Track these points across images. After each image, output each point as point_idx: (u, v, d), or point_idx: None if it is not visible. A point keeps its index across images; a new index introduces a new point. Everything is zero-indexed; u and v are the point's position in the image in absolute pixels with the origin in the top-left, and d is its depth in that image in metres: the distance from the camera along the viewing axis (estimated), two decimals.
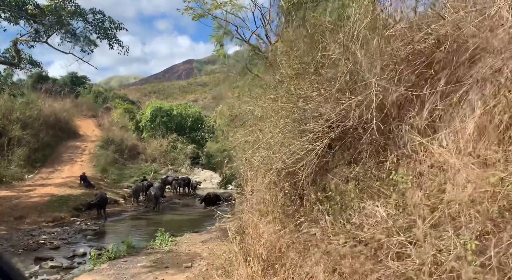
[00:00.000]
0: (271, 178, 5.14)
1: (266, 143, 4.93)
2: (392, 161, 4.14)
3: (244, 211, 6.67)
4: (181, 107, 34.06)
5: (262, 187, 5.65)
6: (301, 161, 4.72)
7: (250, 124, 5.70)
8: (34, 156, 22.46)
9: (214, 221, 16.82)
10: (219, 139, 15.05)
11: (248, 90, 6.30)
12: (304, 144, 4.39)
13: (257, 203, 5.99)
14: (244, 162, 6.07)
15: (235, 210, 8.09)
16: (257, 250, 5.18)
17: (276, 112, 4.67)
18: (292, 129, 4.42)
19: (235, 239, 6.48)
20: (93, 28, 14.63)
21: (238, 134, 6.00)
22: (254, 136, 5.25)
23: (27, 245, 11.10)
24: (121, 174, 24.55)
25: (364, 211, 3.69)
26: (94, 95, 47.29)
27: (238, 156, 6.90)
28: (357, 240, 3.25)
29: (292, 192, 4.99)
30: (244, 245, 6.26)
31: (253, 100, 5.50)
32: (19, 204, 15.09)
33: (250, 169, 6.05)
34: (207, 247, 9.85)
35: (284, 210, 5.06)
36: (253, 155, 5.46)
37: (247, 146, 5.59)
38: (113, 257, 8.95)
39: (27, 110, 24.30)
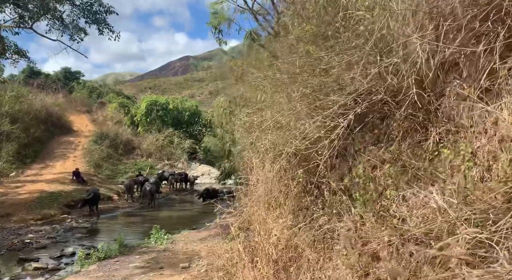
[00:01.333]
0: (282, 165, 4.36)
1: (276, 123, 4.14)
2: (435, 139, 3.38)
3: (249, 204, 5.89)
4: (177, 101, 33.19)
5: (270, 175, 4.87)
6: (319, 143, 3.94)
7: (257, 100, 4.91)
8: (24, 152, 21.57)
9: (213, 217, 16.04)
10: (218, 131, 14.25)
11: (253, 63, 5.52)
12: (323, 122, 3.60)
13: (264, 195, 5.21)
14: (249, 147, 5.28)
15: (237, 204, 7.29)
16: (266, 250, 4.40)
17: (288, 85, 3.87)
18: (309, 103, 3.63)
19: (239, 236, 5.70)
20: (81, 12, 13.71)
21: (241, 115, 5.19)
22: (262, 114, 4.46)
23: (11, 245, 10.28)
24: (116, 169, 23.73)
25: (408, 200, 2.92)
26: (89, 91, 46.29)
27: (241, 142, 6.10)
28: (407, 237, 2.47)
29: (308, 180, 4.21)
30: (249, 243, 5.49)
31: (260, 71, 4.70)
32: (6, 201, 14.25)
33: (255, 155, 5.27)
34: (206, 246, 9.08)
35: (298, 202, 4.28)
36: (260, 138, 4.67)
37: (252, 129, 4.79)
38: (103, 257, 8.17)
39: (17, 104, 23.36)
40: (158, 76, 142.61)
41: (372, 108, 4.06)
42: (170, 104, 31.95)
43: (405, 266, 2.45)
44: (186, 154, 29.11)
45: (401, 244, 2.51)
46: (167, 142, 29.12)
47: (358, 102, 3.73)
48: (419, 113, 3.49)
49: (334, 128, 3.78)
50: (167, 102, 31.95)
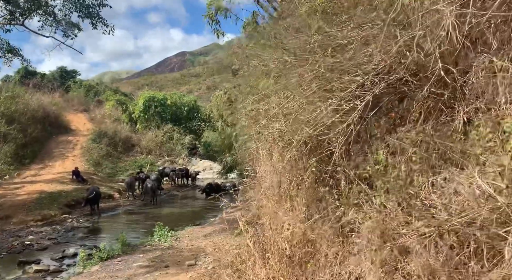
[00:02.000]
0: (293, 154, 4.06)
1: (284, 109, 3.83)
2: (462, 119, 3.08)
3: (257, 197, 5.61)
4: (176, 96, 32.82)
5: (279, 166, 4.57)
6: (332, 129, 3.64)
7: (263, 86, 4.59)
8: (23, 152, 21.24)
9: (217, 212, 15.83)
10: (218, 124, 13.93)
11: (258, 45, 5.19)
12: (339, 104, 3.29)
13: (273, 187, 4.92)
14: (255, 138, 4.97)
15: (243, 197, 6.99)
16: (279, 245, 4.12)
17: (297, 66, 3.55)
18: (322, 85, 3.32)
19: (247, 231, 5.43)
20: (73, 6, 13.28)
21: (246, 103, 4.87)
22: (269, 101, 4.14)
23: (11, 247, 10.01)
24: (116, 167, 23.44)
25: (439, 187, 2.63)
26: (85, 89, 45.84)
27: (245, 132, 5.79)
28: (447, 228, 2.17)
29: (321, 169, 3.91)
30: (258, 238, 5.21)
31: (266, 54, 4.37)
32: (4, 203, 13.98)
33: (262, 145, 4.96)
34: (211, 242, 8.82)
35: (311, 193, 3.99)
36: (267, 127, 4.36)
37: (259, 117, 4.48)
38: (106, 257, 7.90)
39: (13, 105, 22.98)
40: (155, 73, 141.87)
41: (388, 89, 3.76)
42: (168, 99, 31.57)
43: (445, 261, 2.16)
44: (186, 150, 28.82)
45: (439, 236, 2.22)
46: (167, 138, 28.81)
47: (375, 83, 3.42)
48: (444, 91, 3.18)
49: (349, 112, 3.48)
50: (165, 98, 31.58)
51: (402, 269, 2.74)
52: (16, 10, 12.85)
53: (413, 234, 2.35)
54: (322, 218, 3.77)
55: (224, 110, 13.72)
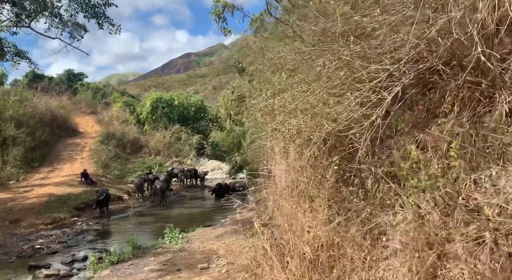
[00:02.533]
0: (312, 152, 3.80)
1: (303, 104, 3.58)
2: (504, 110, 2.81)
3: (272, 197, 5.36)
4: (182, 97, 32.71)
5: (297, 164, 4.32)
6: (357, 123, 3.38)
7: (278, 80, 4.34)
8: (31, 156, 21.27)
9: (226, 213, 15.61)
10: (226, 123, 13.71)
11: (272, 38, 4.92)
12: (365, 96, 3.03)
13: (290, 187, 4.67)
14: (270, 135, 4.73)
15: (256, 197, 6.75)
16: (300, 248, 3.87)
17: (318, 56, 3.30)
18: (348, 75, 3.06)
19: (263, 233, 5.19)
20: (79, 6, 13.16)
21: (261, 98, 4.62)
22: (287, 95, 3.89)
23: (22, 252, 9.90)
24: (124, 169, 23.37)
25: (484, 184, 2.36)
26: (93, 92, 46.00)
27: (259, 130, 5.55)
28: (505, 232, 1.91)
29: (344, 168, 3.65)
30: (275, 241, 4.97)
31: (282, 44, 4.12)
32: (14, 206, 13.91)
33: (278, 142, 4.71)
34: (223, 243, 8.61)
35: (333, 193, 3.73)
36: (283, 124, 4.11)
37: (275, 113, 4.24)
38: (116, 260, 7.72)
39: (21, 108, 23.03)
40: (161, 75, 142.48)
41: (414, 80, 3.49)
42: (175, 100, 31.47)
43: (500, 269, 1.90)
44: (194, 150, 28.67)
45: (494, 242, 1.96)
46: (175, 139, 28.70)
47: (403, 72, 3.15)
48: (482, 79, 2.90)
49: (375, 105, 3.22)
50: (172, 99, 31.48)
51: (444, 276, 2.47)
52: (23, 13, 12.78)
53: (463, 239, 2.09)
54: (346, 220, 3.51)
55: (232, 109, 13.49)
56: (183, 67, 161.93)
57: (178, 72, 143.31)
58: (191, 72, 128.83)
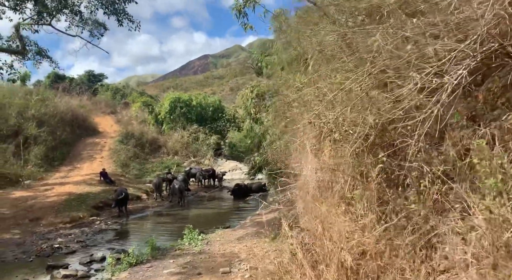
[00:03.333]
0: (354, 148, 3.39)
1: (346, 92, 3.17)
2: None
3: (301, 198, 4.97)
4: (200, 97, 32.61)
5: (332, 162, 3.91)
6: (407, 115, 2.95)
7: (314, 66, 3.94)
8: (52, 155, 21.47)
9: (245, 214, 15.24)
10: (246, 122, 13.36)
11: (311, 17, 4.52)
12: (427, 81, 2.60)
13: (324, 187, 4.26)
14: (303, 129, 4.32)
15: (280, 198, 6.34)
16: (338, 255, 3.45)
17: (365, 36, 2.89)
18: (407, 54, 2.63)
19: (291, 237, 4.79)
20: (99, 2, 13.10)
21: (294, 88, 4.23)
22: (322, 85, 3.49)
23: (40, 251, 9.79)
24: (143, 168, 23.33)
25: None
26: (112, 92, 46.67)
27: (289, 125, 5.17)
28: None
29: (392, 166, 3.22)
30: (305, 246, 4.56)
31: (316, 29, 3.72)
32: (35, 204, 13.93)
33: (309, 138, 4.31)
34: (245, 246, 8.23)
35: (378, 194, 3.30)
36: (319, 116, 3.71)
37: (307, 105, 3.84)
38: (135, 262, 7.45)
39: (42, 107, 23.33)
40: (179, 76, 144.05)
41: (487, 60, 3.02)
42: (193, 100, 31.37)
43: None
44: (212, 151, 28.46)
45: None
46: (192, 139, 28.57)
47: (467, 55, 2.70)
48: None
49: (432, 93, 2.78)
50: (190, 99, 31.40)
51: None
52: (44, 11, 12.78)
53: None
54: (395, 225, 3.08)
55: (252, 107, 13.13)
56: (200, 69, 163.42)
57: (195, 74, 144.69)
58: (209, 73, 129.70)
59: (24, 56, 14.16)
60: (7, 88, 24.25)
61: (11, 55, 14.55)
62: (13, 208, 13.38)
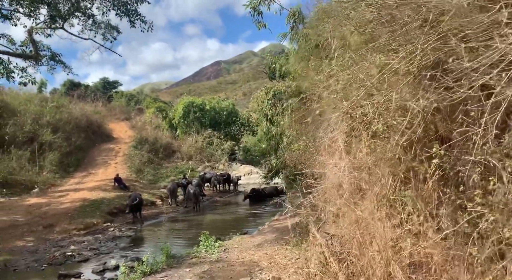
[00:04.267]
0: (399, 141, 2.88)
1: (391, 74, 2.67)
2: None
3: (329, 200, 4.46)
4: (214, 101, 32.40)
5: (371, 159, 3.40)
6: (471, 100, 2.43)
7: (355, 44, 3.44)
8: (67, 161, 21.41)
9: (263, 219, 14.71)
10: (263, 125, 12.89)
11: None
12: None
13: (359, 189, 3.75)
14: (333, 123, 3.83)
15: (303, 202, 5.82)
16: (381, 267, 2.93)
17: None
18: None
19: (321, 245, 4.29)
20: (111, 3, 12.90)
21: (324, 74, 3.74)
22: (362, 67, 3.00)
23: (53, 259, 9.48)
24: (157, 174, 23.09)
25: None
26: (127, 99, 47.00)
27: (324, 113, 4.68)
28: None
29: (452, 161, 2.70)
30: (338, 255, 4.04)
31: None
32: (49, 211, 13.72)
33: (341, 132, 3.81)
34: (265, 254, 7.72)
35: (432, 195, 2.78)
36: (355, 106, 3.22)
37: (338, 95, 3.35)
38: (149, 271, 7.02)
39: (57, 114, 23.38)
40: (192, 82, 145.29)
41: None
42: (207, 105, 31.19)
43: None
44: (226, 155, 28.11)
45: None
46: (207, 144, 28.29)
47: None
48: None
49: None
50: (203, 103, 31.22)
51: None
52: (57, 15, 12.66)
53: None
54: (455, 232, 2.56)
55: (268, 108, 12.66)
56: (213, 75, 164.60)
57: (208, 80, 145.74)
58: (222, 79, 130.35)
59: (38, 61, 14.07)
60: (23, 95, 24.46)
61: (25, 60, 14.48)
62: (27, 215, 13.19)
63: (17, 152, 18.56)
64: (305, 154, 9.45)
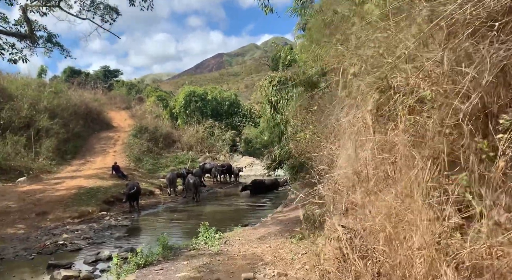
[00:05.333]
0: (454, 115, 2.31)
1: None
2: None
3: (346, 189, 3.92)
4: (216, 91, 31.75)
5: (406, 140, 2.83)
6: None
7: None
8: (64, 148, 20.89)
9: (264, 211, 14.19)
10: (266, 112, 12.31)
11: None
12: None
13: (387, 175, 3.19)
14: (360, 97, 3.25)
15: (314, 193, 5.25)
16: (430, 270, 2.38)
17: None
18: None
19: (339, 239, 3.75)
20: None
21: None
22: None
23: (43, 247, 8.98)
24: (157, 163, 22.58)
25: None
26: (127, 88, 46.33)
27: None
28: None
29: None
30: (357, 251, 3.50)
31: None
32: (43, 198, 13.20)
33: (366, 111, 3.24)
34: (269, 247, 7.19)
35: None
36: (388, 75, 2.65)
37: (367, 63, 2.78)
38: (144, 263, 6.50)
39: (55, 99, 22.80)
40: (194, 74, 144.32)
41: None
42: (208, 94, 30.55)
43: None
44: (227, 146, 27.55)
45: None
46: (208, 134, 27.72)
47: None
48: None
49: None
50: (205, 93, 30.59)
51: None
52: None
53: None
54: None
55: (273, 95, 12.06)
56: (215, 67, 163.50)
57: (210, 72, 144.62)
58: (224, 70, 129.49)
59: (34, 42, 13.43)
60: (21, 80, 23.86)
61: (21, 41, 13.85)
62: (20, 201, 12.68)
63: (12, 137, 18.03)
64: (312, 143, 8.88)
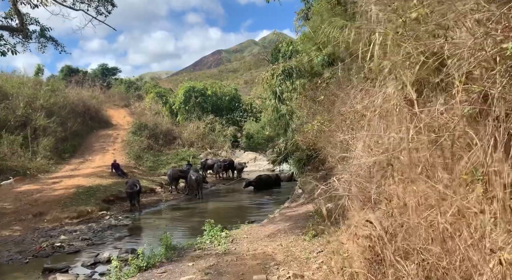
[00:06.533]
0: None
1: None
2: None
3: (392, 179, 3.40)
4: (216, 86, 31.16)
5: (461, 116, 2.32)
6: None
7: None
8: (62, 146, 20.41)
9: (269, 207, 13.70)
10: (271, 102, 11.79)
11: None
12: None
13: (426, 161, 2.67)
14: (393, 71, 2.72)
15: (327, 186, 4.72)
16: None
17: None
18: None
19: (370, 237, 3.25)
20: None
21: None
22: None
23: (39, 250, 8.50)
24: (157, 160, 22.05)
25: None
26: (126, 86, 45.70)
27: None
28: None
29: None
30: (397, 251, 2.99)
31: None
32: (40, 198, 12.71)
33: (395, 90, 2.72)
34: (280, 245, 6.68)
35: None
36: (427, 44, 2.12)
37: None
38: (145, 265, 6.00)
39: (52, 97, 22.26)
40: (193, 71, 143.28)
41: None
42: (208, 89, 29.97)
43: None
44: (229, 141, 27.02)
45: None
46: (209, 130, 27.17)
47: None
48: None
49: None
50: (205, 88, 30.02)
51: None
52: None
53: None
54: None
55: (278, 85, 11.54)
56: (214, 64, 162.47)
57: (209, 69, 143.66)
58: (222, 67, 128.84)
59: (25, 36, 12.89)
60: (16, 79, 23.31)
61: (13, 36, 13.31)
62: (16, 202, 12.20)
63: (8, 136, 17.51)
64: (322, 133, 8.37)
